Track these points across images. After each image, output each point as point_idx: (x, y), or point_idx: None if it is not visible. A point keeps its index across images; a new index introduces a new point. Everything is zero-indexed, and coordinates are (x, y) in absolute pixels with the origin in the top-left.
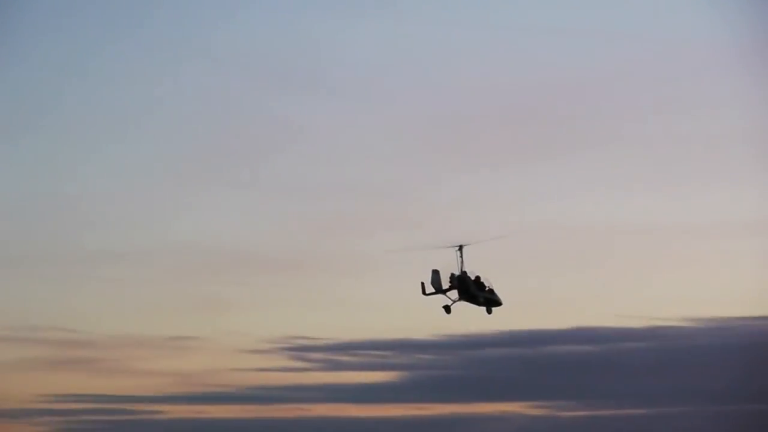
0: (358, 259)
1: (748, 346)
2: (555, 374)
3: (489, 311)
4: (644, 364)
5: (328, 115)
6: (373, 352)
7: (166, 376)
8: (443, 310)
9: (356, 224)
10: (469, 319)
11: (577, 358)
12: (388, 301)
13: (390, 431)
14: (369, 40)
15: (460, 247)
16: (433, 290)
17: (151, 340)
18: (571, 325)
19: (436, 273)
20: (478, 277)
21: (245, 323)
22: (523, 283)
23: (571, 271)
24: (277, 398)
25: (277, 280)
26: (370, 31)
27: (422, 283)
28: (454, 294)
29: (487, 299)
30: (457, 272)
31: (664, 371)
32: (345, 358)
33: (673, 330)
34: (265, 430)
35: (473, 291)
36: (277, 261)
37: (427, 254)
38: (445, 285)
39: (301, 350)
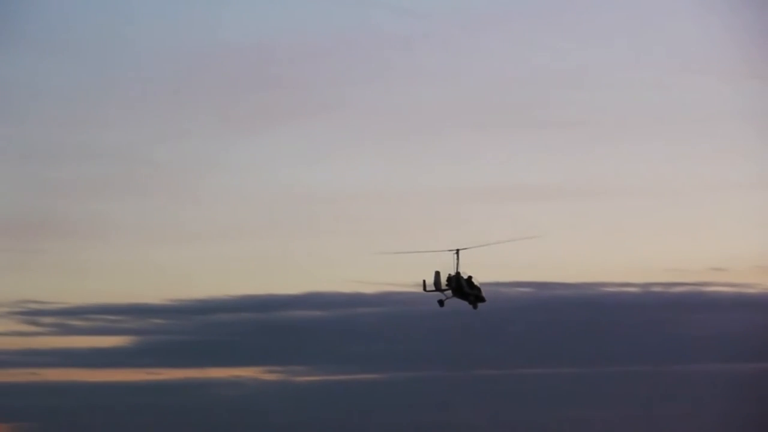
0: (91, 223)
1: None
2: (288, 339)
3: (475, 307)
4: (376, 329)
5: (63, 78)
6: (105, 317)
7: None
8: (438, 303)
9: (89, 188)
10: (203, 283)
11: (310, 323)
12: (121, 265)
13: (122, 396)
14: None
15: (457, 251)
16: (433, 288)
17: None
18: (304, 290)
19: (437, 274)
20: (470, 277)
21: None
22: (255, 247)
23: (303, 237)
24: (7, 362)
25: (8, 243)
26: None
27: (424, 281)
28: (449, 291)
29: (476, 296)
30: (453, 273)
31: (396, 336)
32: (77, 323)
33: (404, 295)
34: None
35: (466, 290)
36: (7, 224)
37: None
38: (443, 284)
39: (32, 314)
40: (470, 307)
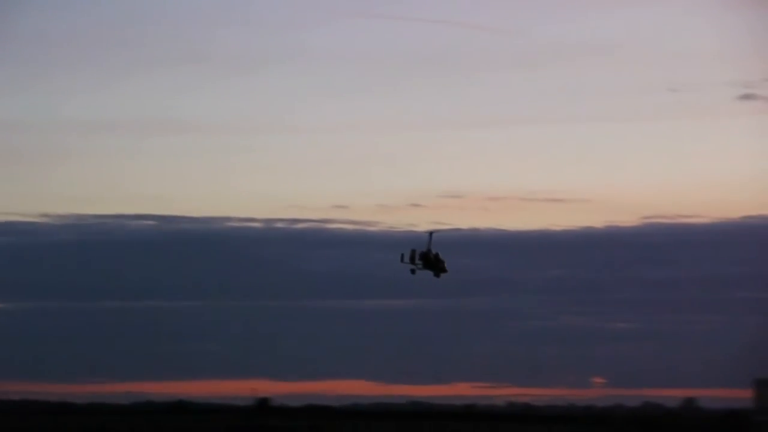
0: None
1: (106, 243)
2: None
3: (438, 276)
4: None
5: None
6: None
7: None
8: (410, 272)
9: None
10: None
11: None
12: None
13: None
14: None
15: (431, 233)
16: (408, 261)
17: None
18: None
19: (413, 251)
20: (437, 254)
21: None
22: None
23: None
24: None
25: None
26: None
27: (402, 255)
28: (420, 264)
29: (440, 268)
30: (425, 250)
31: (15, 267)
32: None
33: (27, 225)
34: None
35: (433, 263)
36: None
37: None
38: (417, 259)
39: None
40: (434, 276)
